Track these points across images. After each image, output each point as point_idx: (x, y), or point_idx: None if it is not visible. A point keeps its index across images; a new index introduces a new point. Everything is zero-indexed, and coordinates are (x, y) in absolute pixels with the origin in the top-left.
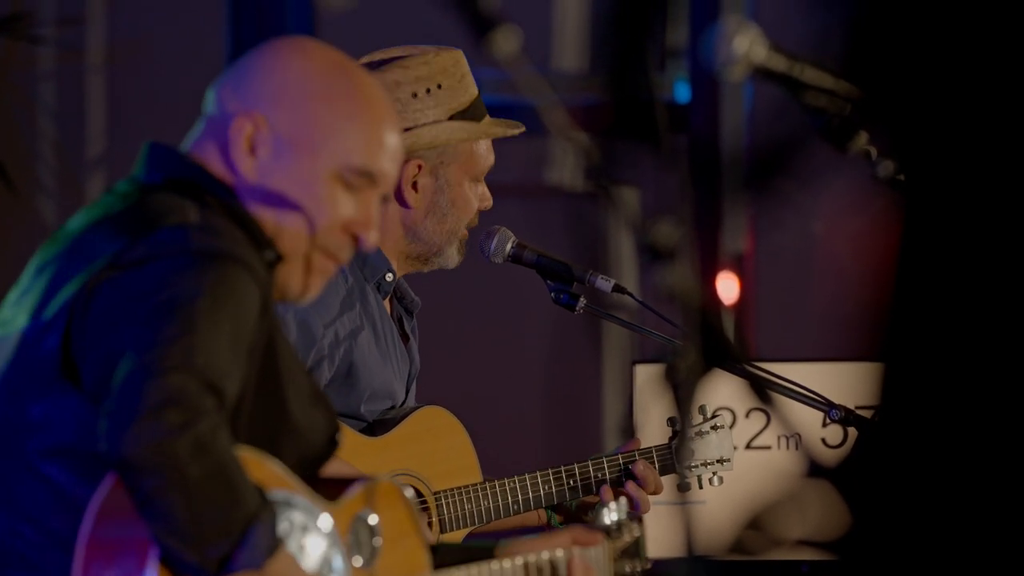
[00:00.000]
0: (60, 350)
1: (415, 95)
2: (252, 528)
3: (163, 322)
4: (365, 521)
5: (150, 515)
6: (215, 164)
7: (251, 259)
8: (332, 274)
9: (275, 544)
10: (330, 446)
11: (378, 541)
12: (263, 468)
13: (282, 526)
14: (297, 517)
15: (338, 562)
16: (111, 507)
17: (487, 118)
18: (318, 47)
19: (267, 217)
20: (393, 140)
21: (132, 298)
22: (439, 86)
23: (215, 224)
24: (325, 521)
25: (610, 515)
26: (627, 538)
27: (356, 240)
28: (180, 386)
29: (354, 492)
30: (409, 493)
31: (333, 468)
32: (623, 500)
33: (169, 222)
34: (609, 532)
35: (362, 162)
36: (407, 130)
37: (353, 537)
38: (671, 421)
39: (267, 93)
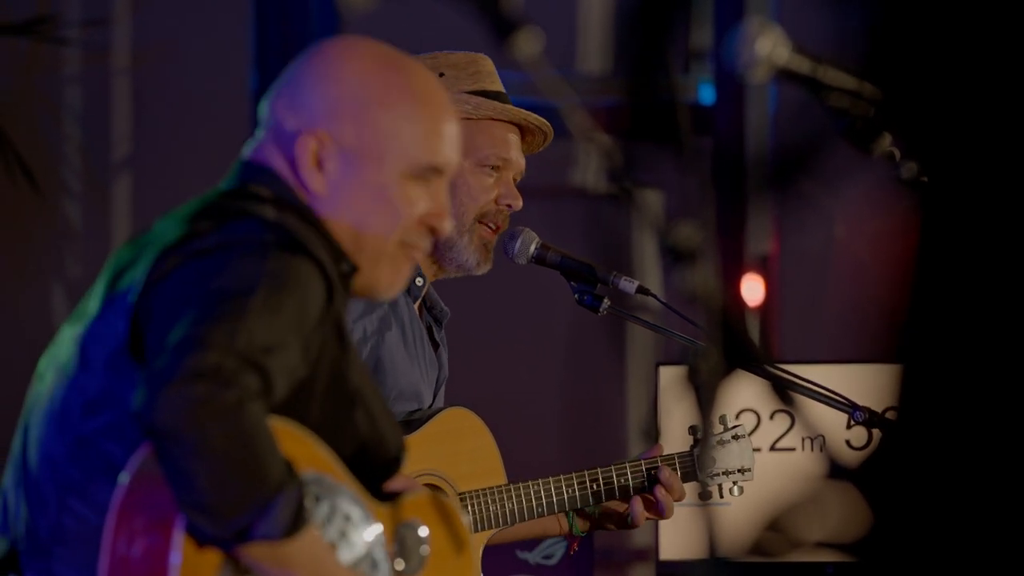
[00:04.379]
0: (128, 331)
1: None
2: (275, 500)
3: (216, 304)
4: (415, 530)
5: (173, 481)
6: (284, 177)
7: (320, 255)
8: (415, 262)
9: (299, 520)
10: (395, 462)
11: (425, 550)
12: (311, 451)
13: (323, 509)
14: (342, 504)
15: (382, 560)
16: (144, 474)
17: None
18: (366, 46)
19: (345, 227)
20: (452, 128)
21: (195, 282)
22: (440, 75)
23: (290, 222)
24: (369, 518)
25: None
26: None
27: (432, 230)
28: (217, 361)
29: (404, 499)
30: (468, 522)
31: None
32: None
33: (242, 214)
34: None
35: (427, 158)
36: None
37: (399, 542)
38: (692, 429)
39: (325, 108)
